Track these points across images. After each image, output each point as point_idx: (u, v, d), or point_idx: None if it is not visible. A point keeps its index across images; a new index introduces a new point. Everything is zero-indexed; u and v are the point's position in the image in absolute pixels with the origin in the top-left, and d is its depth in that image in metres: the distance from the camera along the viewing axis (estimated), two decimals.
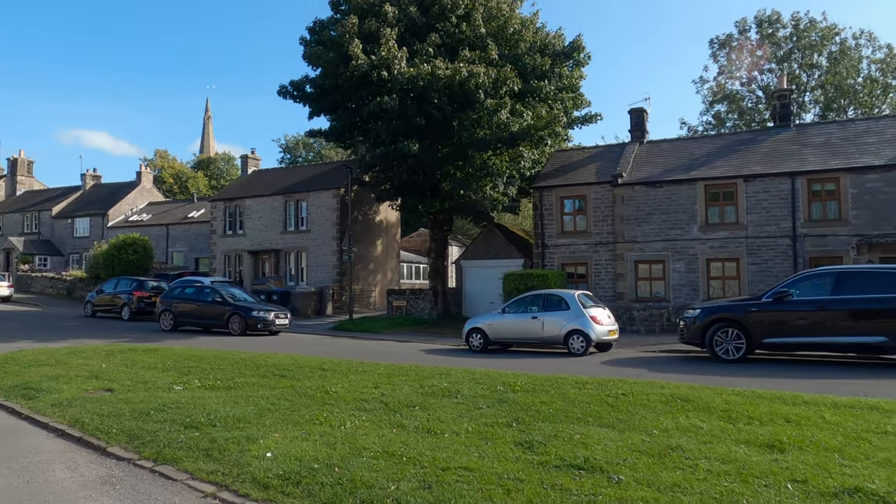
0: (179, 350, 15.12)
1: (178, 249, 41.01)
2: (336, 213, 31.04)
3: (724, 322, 13.96)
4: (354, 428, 8.10)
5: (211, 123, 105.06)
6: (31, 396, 10.49)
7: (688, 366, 13.92)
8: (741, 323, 13.74)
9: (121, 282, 26.27)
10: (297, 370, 12.46)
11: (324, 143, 67.77)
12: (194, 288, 22.52)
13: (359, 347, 18.57)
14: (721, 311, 14.26)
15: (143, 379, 11.70)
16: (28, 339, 18.72)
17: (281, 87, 25.88)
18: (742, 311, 13.86)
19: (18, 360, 13.81)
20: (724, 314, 14.10)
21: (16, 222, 48.88)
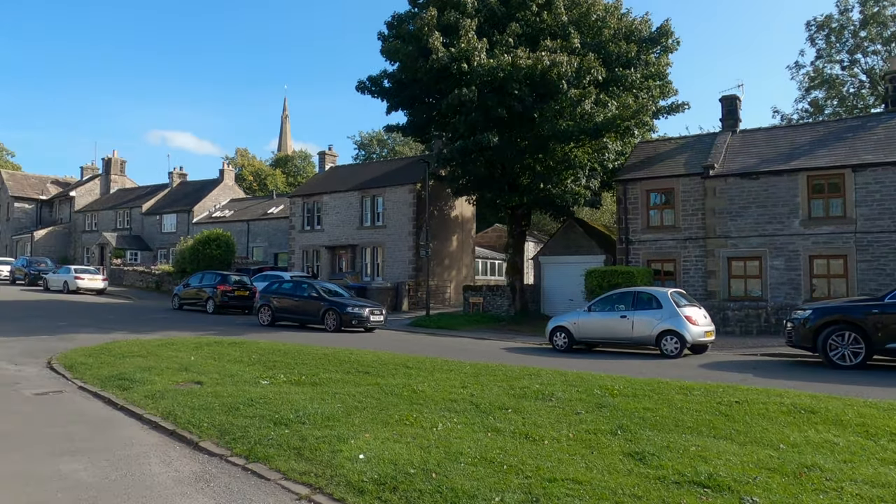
0: (264, 344, 15.20)
1: (258, 245, 42.05)
2: (412, 209, 30.92)
3: (839, 324, 12.76)
4: (447, 430, 7.70)
5: (288, 122, 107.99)
6: (125, 387, 10.64)
7: (798, 371, 12.83)
8: (859, 325, 12.52)
9: (205, 276, 26.99)
10: (380, 367, 12.22)
11: (398, 140, 68.17)
12: (292, 283, 22.71)
13: (438, 344, 18.25)
14: (836, 313, 13.06)
15: (230, 372, 11.73)
16: (121, 331, 19.37)
17: (359, 83, 25.87)
18: (861, 313, 12.63)
19: (113, 351, 14.18)
20: (840, 316, 12.89)
21: (109, 219, 51.44)
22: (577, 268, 25.83)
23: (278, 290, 22.54)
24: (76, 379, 11.73)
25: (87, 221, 53.26)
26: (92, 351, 14.34)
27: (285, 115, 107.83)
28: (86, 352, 14.27)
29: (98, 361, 13.01)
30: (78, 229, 53.81)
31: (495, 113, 22.36)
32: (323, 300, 21.04)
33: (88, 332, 18.78)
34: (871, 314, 12.49)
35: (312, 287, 21.84)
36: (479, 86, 22.03)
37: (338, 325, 20.39)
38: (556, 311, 26.69)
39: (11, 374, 12.27)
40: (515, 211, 26.81)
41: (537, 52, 21.97)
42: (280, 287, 22.69)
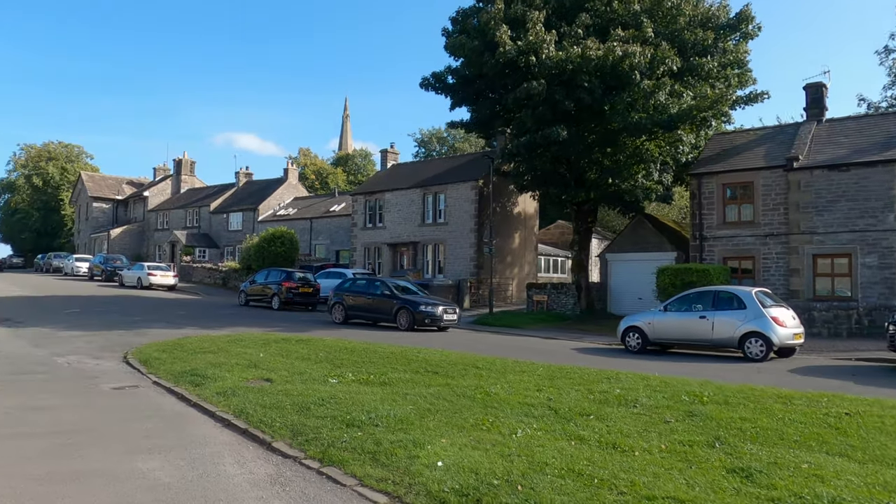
0: (330, 342, 15.11)
1: (320, 242, 42.55)
2: (474, 206, 30.55)
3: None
4: (527, 437, 7.28)
5: (349, 121, 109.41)
6: (197, 383, 10.67)
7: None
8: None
9: (271, 273, 27.36)
10: (449, 367, 11.89)
11: (458, 137, 67.93)
12: (365, 281, 22.62)
13: (504, 344, 17.81)
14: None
15: (298, 370, 11.63)
16: (191, 326, 19.74)
17: (423, 80, 25.67)
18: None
19: (185, 347, 14.36)
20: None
21: (179, 217, 53.17)
22: (646, 265, 24.90)
23: (351, 287, 22.33)
24: (151, 374, 11.88)
25: (159, 220, 55.21)
26: (165, 346, 14.56)
27: (346, 114, 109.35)
28: (159, 347, 14.50)
29: (171, 357, 13.17)
30: (151, 228, 55.85)
31: (563, 106, 21.71)
32: (395, 298, 20.67)
33: (161, 328, 19.20)
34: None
35: (385, 285, 21.52)
36: (546, 79, 21.45)
37: (410, 323, 19.98)
38: (624, 310, 25.82)
39: (91, 368, 12.54)
40: (581, 207, 26.07)
41: (608, 43, 21.21)
42: (353, 285, 22.48)
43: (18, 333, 17.12)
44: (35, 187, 70.11)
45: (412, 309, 20.05)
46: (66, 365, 12.72)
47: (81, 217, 62.10)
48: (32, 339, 16.19)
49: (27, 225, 70.65)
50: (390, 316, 20.59)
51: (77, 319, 20.69)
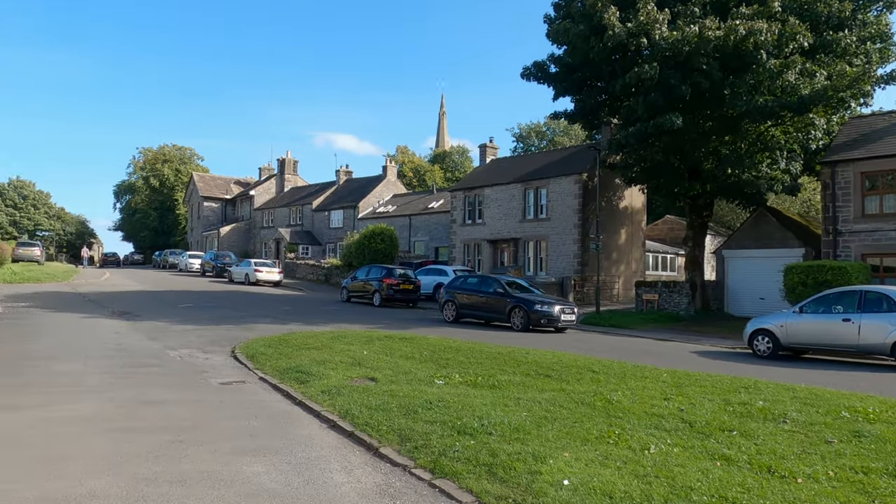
0: (434, 340, 14.64)
1: (419, 239, 42.57)
2: (578, 200, 29.33)
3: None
4: (662, 455, 6.40)
5: (445, 119, 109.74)
6: (302, 381, 10.46)
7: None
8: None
9: (372, 269, 27.42)
10: (562, 370, 11.07)
11: (557, 131, 66.36)
12: (477, 278, 21.98)
13: (616, 345, 16.70)
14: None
15: (403, 369, 11.20)
16: (296, 322, 19.93)
17: (524, 70, 24.78)
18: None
19: (290, 343, 14.32)
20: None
21: (283, 216, 54.98)
22: (769, 263, 22.92)
23: (462, 285, 21.59)
24: (257, 370, 11.84)
25: (265, 218, 57.35)
26: (271, 341, 14.60)
27: (442, 111, 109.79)
28: (265, 342, 14.56)
29: (276, 352, 13.14)
30: (257, 225, 58.14)
31: (678, 92, 20.18)
32: (509, 297, 19.66)
33: (267, 323, 19.49)
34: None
35: (498, 282, 20.53)
36: (659, 62, 20.01)
37: (525, 323, 18.90)
38: (743, 310, 23.95)
39: (201, 362, 12.68)
40: (696, 200, 24.32)
41: (729, 22, 19.51)
42: (464, 282, 21.75)
43: (136, 327, 17.82)
44: (152, 188, 74.89)
45: (527, 308, 18.98)
46: (178, 359, 12.94)
47: (194, 216, 65.64)
48: (149, 332, 16.77)
49: (145, 224, 75.62)
50: (503, 315, 19.65)
51: (189, 314, 21.41)
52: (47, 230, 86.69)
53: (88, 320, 18.97)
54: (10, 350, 13.25)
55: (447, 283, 22.75)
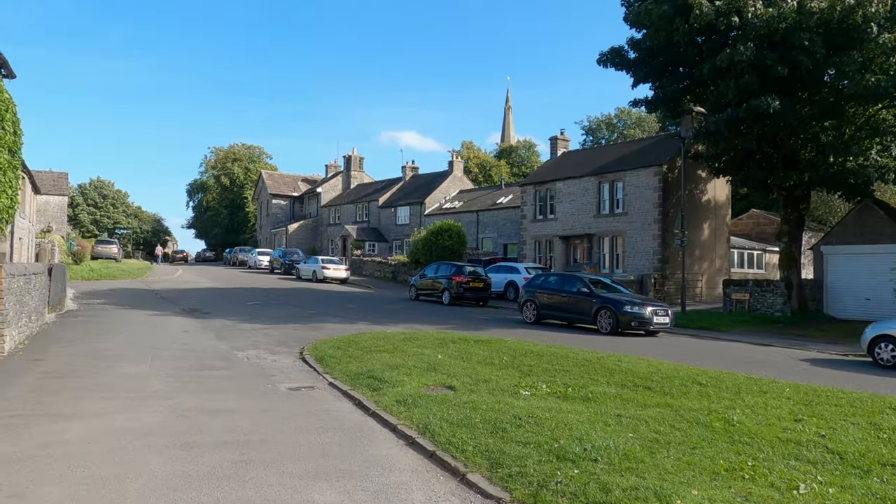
0: (513, 344, 13.60)
1: (487, 235, 41.55)
2: (658, 193, 27.62)
3: None
4: (818, 498, 5.21)
5: (511, 113, 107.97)
6: (375, 387, 9.68)
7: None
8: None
9: (441, 267, 26.60)
10: (662, 381, 9.85)
11: (629, 123, 64.00)
12: (558, 277, 20.64)
13: (712, 351, 15.23)
14: None
15: (482, 376, 10.24)
16: (364, 321, 19.30)
17: (601, 56, 23.38)
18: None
19: (360, 344, 13.62)
20: None
21: (350, 212, 55.01)
22: (877, 260, 20.84)
23: (543, 284, 20.21)
24: (326, 373, 11.16)
25: (331, 215, 57.57)
26: (340, 343, 13.94)
27: (508, 106, 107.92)
28: (334, 343, 13.92)
29: (346, 355, 12.44)
30: (323, 223, 58.44)
31: (775, 72, 18.38)
32: (595, 297, 18.25)
33: (335, 322, 18.95)
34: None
35: (582, 281, 19.14)
36: (753, 41, 18.28)
37: (613, 326, 17.44)
38: (846, 312, 21.88)
39: (269, 364, 12.11)
40: (792, 192, 22.32)
41: None
42: (545, 281, 20.37)
43: (205, 325, 17.55)
44: (223, 186, 76.69)
45: (615, 309, 17.53)
46: (245, 360, 12.41)
47: (262, 213, 66.71)
48: (217, 331, 16.43)
49: (217, 221, 77.52)
50: (588, 316, 18.27)
51: (257, 311, 21.13)
52: (125, 228, 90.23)
53: (158, 318, 18.87)
54: (81, 349, 13.04)
55: (527, 283, 21.39)
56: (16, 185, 11.78)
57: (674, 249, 27.92)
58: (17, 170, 11.81)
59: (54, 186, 50.38)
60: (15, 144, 11.26)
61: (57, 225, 48.16)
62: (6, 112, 10.49)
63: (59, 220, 49.14)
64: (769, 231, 35.55)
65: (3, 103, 10.36)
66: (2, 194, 10.70)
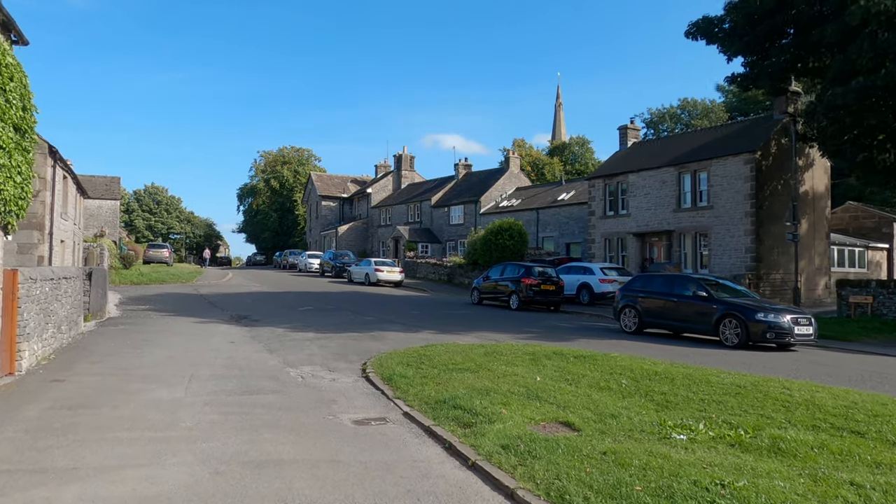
0: (622, 360, 11.06)
1: (547, 234, 38.87)
2: (749, 184, 24.53)
3: None
4: None
5: (561, 110, 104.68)
6: (466, 422, 7.41)
7: None
8: None
9: (507, 268, 24.16)
10: (869, 420, 7.23)
11: (693, 113, 60.26)
12: (664, 278, 17.45)
13: (875, 371, 12.32)
14: None
15: (605, 408, 7.81)
16: (429, 329, 17.10)
17: (689, 27, 20.70)
18: None
19: (433, 360, 11.34)
20: None
21: (401, 213, 53.01)
22: None
23: (645, 287, 17.25)
24: (398, 399, 8.93)
25: (382, 216, 55.72)
26: (408, 357, 11.71)
27: (558, 102, 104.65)
28: (401, 358, 11.69)
29: (419, 374, 10.19)
30: (374, 224, 56.65)
31: None
32: (716, 302, 15.09)
33: (396, 330, 16.79)
34: None
35: (697, 283, 15.99)
36: None
37: (742, 338, 14.32)
38: None
39: (327, 385, 9.95)
40: None
41: None
42: (648, 283, 17.39)
43: (254, 334, 15.60)
44: (272, 190, 75.97)
45: (744, 317, 14.37)
46: (300, 380, 10.29)
47: (312, 216, 65.43)
48: (267, 342, 14.43)
49: (266, 225, 76.87)
50: (706, 326, 15.15)
51: (310, 318, 19.14)
52: (178, 233, 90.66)
53: (203, 326, 17.02)
54: (111, 366, 11.13)
55: (625, 285, 18.31)
56: (28, 172, 9.82)
57: (768, 246, 24.87)
58: (30, 153, 9.85)
59: (107, 190, 50.00)
60: (24, 121, 9.29)
61: (110, 229, 47.69)
62: (10, 80, 8.51)
63: (111, 224, 48.70)
64: (868, 225, 31.95)
65: (6, 69, 8.38)
66: (7, 181, 8.75)
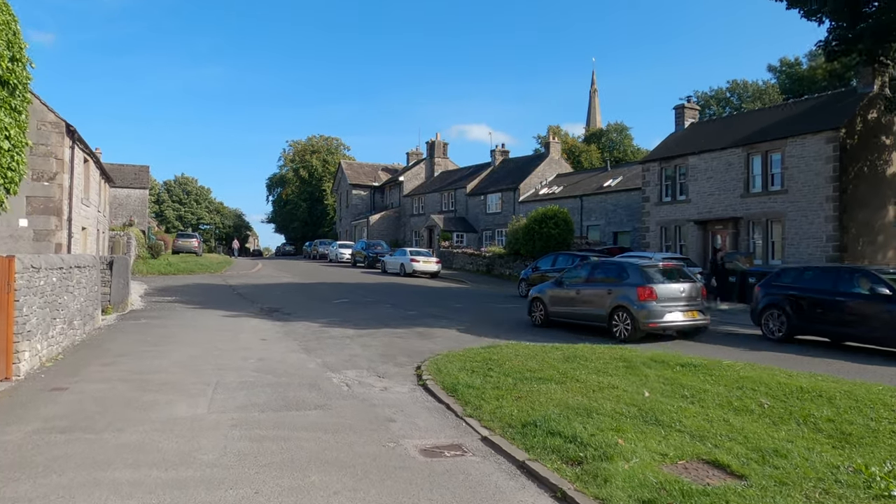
0: (745, 370, 8.99)
1: (592, 223, 36.62)
2: (832, 165, 22.04)
3: None
4: None
5: (596, 97, 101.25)
6: (572, 456, 5.64)
7: None
8: None
9: (559, 258, 22.13)
10: None
11: (744, 97, 57.19)
12: (820, 272, 13.49)
13: None
14: None
15: (761, 442, 5.90)
16: (480, 325, 15.29)
17: None
18: None
19: (503, 365, 9.48)
20: None
21: (435, 201, 51.07)
22: None
23: (797, 282, 13.40)
24: (471, 418, 7.14)
25: (415, 205, 53.87)
26: (470, 362, 9.87)
27: (593, 89, 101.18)
28: (463, 362, 9.86)
29: (490, 385, 8.37)
30: (406, 213, 54.84)
31: None
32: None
33: (444, 326, 14.98)
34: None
35: (873, 278, 12.16)
36: None
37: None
38: None
39: (379, 396, 8.17)
40: None
41: None
42: (799, 278, 13.50)
43: (287, 330, 13.89)
44: (302, 179, 74.62)
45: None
46: (345, 389, 8.52)
47: (342, 205, 63.87)
48: (302, 339, 12.71)
49: (296, 215, 75.61)
50: (887, 332, 11.54)
51: (347, 312, 17.41)
52: (208, 223, 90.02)
53: (232, 321, 15.37)
54: (126, 369, 9.47)
55: (767, 280, 14.30)
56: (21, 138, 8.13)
57: (853, 235, 22.42)
58: (21, 115, 8.12)
59: (136, 179, 48.96)
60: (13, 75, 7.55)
61: (139, 218, 46.67)
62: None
63: (140, 213, 47.69)
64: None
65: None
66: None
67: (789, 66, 55.21)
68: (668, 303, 12.86)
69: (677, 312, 12.87)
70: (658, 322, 12.66)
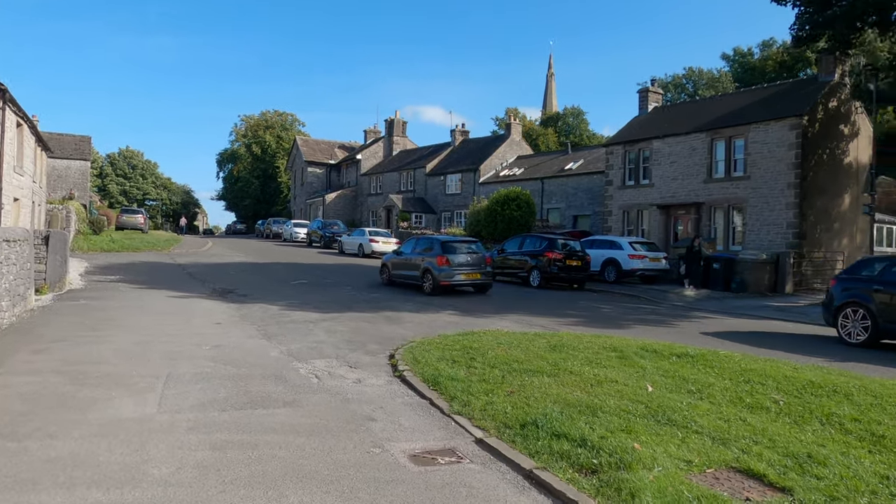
0: (744, 361, 8.51)
1: (553, 206, 36.27)
2: (794, 152, 22.04)
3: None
4: None
5: (553, 80, 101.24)
6: (585, 464, 5.05)
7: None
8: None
9: (527, 240, 21.51)
10: None
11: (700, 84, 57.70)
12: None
13: None
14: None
15: (791, 446, 5.34)
16: (449, 309, 14.62)
17: None
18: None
19: (486, 354, 8.78)
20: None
21: (393, 181, 49.92)
22: None
23: (883, 276, 11.53)
24: (459, 416, 6.43)
25: (373, 184, 52.58)
26: (450, 350, 9.14)
27: (550, 73, 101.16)
28: (441, 350, 9.14)
29: (475, 376, 7.67)
30: (363, 192, 53.52)
31: None
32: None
33: (411, 310, 14.26)
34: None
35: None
36: None
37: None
38: None
39: (353, 390, 7.38)
40: None
41: None
42: (886, 270, 11.59)
43: (243, 313, 12.85)
44: (254, 156, 72.13)
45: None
46: (315, 381, 7.68)
47: (297, 183, 62.00)
48: (261, 322, 11.75)
49: (247, 192, 73.14)
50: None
51: (307, 294, 16.43)
52: (154, 199, 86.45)
53: (182, 302, 14.22)
54: (59, 358, 8.37)
55: (845, 273, 12.85)
56: None
57: (812, 222, 22.53)
58: None
59: (76, 150, 46.01)
60: None
61: (80, 192, 43.94)
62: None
63: (81, 186, 44.90)
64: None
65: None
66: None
67: (742, 55, 55.91)
68: (458, 268, 17.17)
69: (461, 275, 17.21)
70: (449, 281, 17.08)
